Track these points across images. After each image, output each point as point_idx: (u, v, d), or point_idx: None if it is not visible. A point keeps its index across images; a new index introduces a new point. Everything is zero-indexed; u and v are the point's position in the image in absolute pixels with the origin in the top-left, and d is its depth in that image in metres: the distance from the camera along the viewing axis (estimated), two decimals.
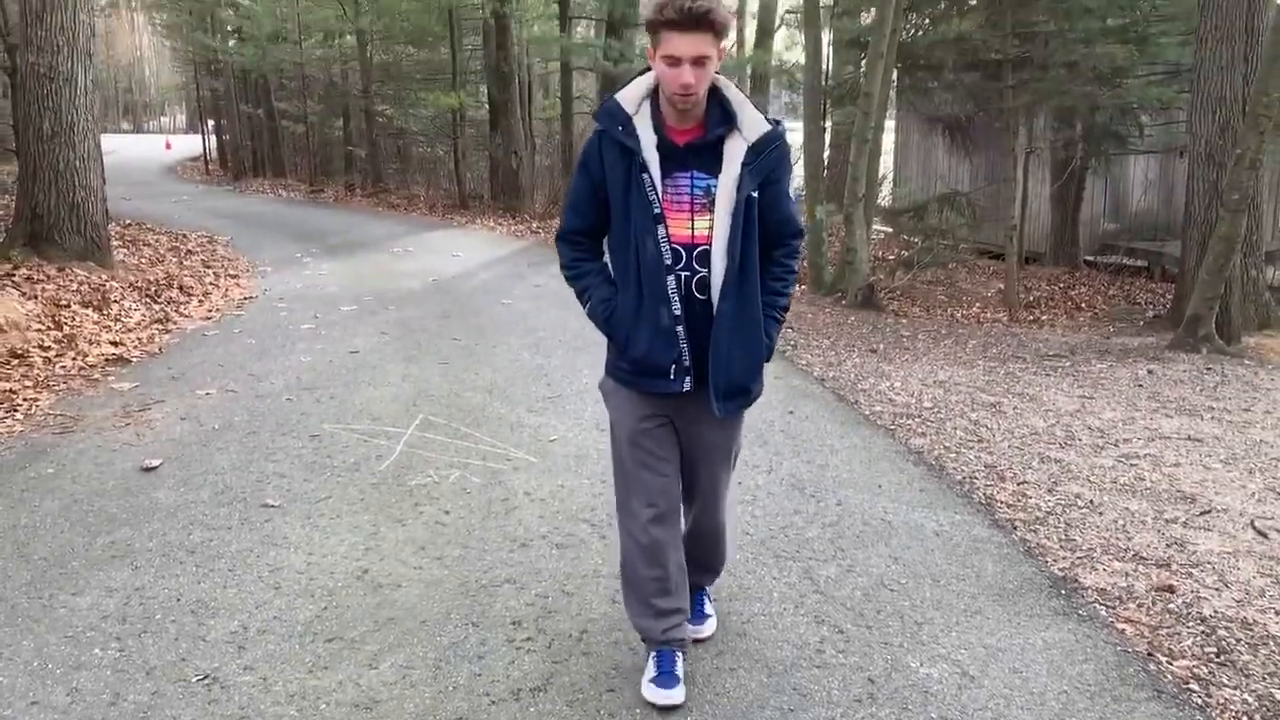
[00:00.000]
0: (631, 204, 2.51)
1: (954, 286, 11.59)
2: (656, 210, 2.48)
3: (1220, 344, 8.09)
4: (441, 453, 4.80)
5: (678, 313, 2.52)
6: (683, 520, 2.85)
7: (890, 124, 16.33)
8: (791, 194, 2.64)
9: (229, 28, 25.31)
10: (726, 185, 2.47)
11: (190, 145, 40.18)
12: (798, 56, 14.41)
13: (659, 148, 2.48)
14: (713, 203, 2.48)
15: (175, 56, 38.58)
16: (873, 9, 11.10)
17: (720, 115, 2.50)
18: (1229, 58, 8.59)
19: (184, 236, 13.24)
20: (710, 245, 2.50)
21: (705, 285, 2.52)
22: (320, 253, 12.35)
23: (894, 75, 12.26)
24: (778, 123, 2.54)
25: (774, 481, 4.48)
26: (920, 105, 13.73)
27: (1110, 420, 5.83)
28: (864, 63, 10.92)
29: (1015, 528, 4.04)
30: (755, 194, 2.49)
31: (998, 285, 11.77)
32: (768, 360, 2.69)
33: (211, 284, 9.69)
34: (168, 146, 43.14)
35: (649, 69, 2.52)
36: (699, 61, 2.35)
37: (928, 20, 12.16)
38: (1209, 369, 7.40)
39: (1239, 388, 6.85)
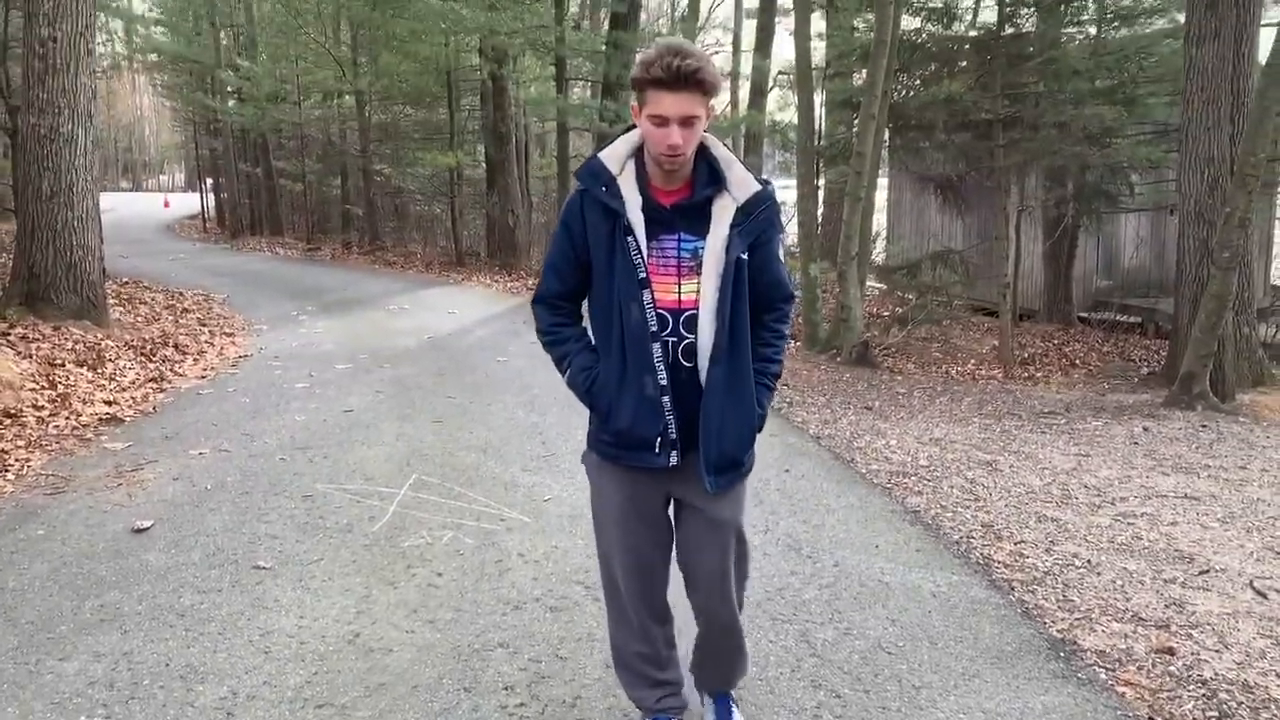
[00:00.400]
0: (615, 267, 2.39)
1: (948, 343, 11.63)
2: (642, 274, 2.36)
3: (1215, 401, 8.10)
4: (435, 513, 4.77)
5: (663, 381, 2.39)
6: (692, 619, 2.71)
7: (883, 182, 16.53)
8: (782, 255, 2.55)
9: (229, 88, 25.64)
10: (715, 247, 2.36)
11: (188, 203, 40.46)
12: (791, 116, 14.62)
13: (644, 209, 2.37)
14: (700, 265, 2.37)
15: (175, 116, 39.03)
16: (864, 71, 11.28)
17: (708, 175, 2.40)
18: (1215, 119, 8.72)
19: (180, 294, 13.27)
20: (698, 309, 2.37)
21: (692, 352, 2.40)
22: (316, 310, 12.39)
23: (886, 135, 12.42)
24: (767, 182, 2.45)
25: (770, 541, 4.45)
26: (912, 164, 13.88)
27: (1107, 478, 5.82)
28: (856, 123, 11.06)
29: (1013, 588, 4.01)
30: (745, 256, 2.38)
31: (992, 342, 11.80)
32: (759, 430, 2.55)
33: (207, 342, 9.70)
34: (166, 204, 43.41)
35: (633, 127, 2.42)
36: (687, 122, 2.25)
37: (918, 81, 12.35)
38: (1204, 426, 7.40)
39: (1235, 445, 6.84)
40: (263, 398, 7.39)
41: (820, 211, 15.08)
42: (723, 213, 2.38)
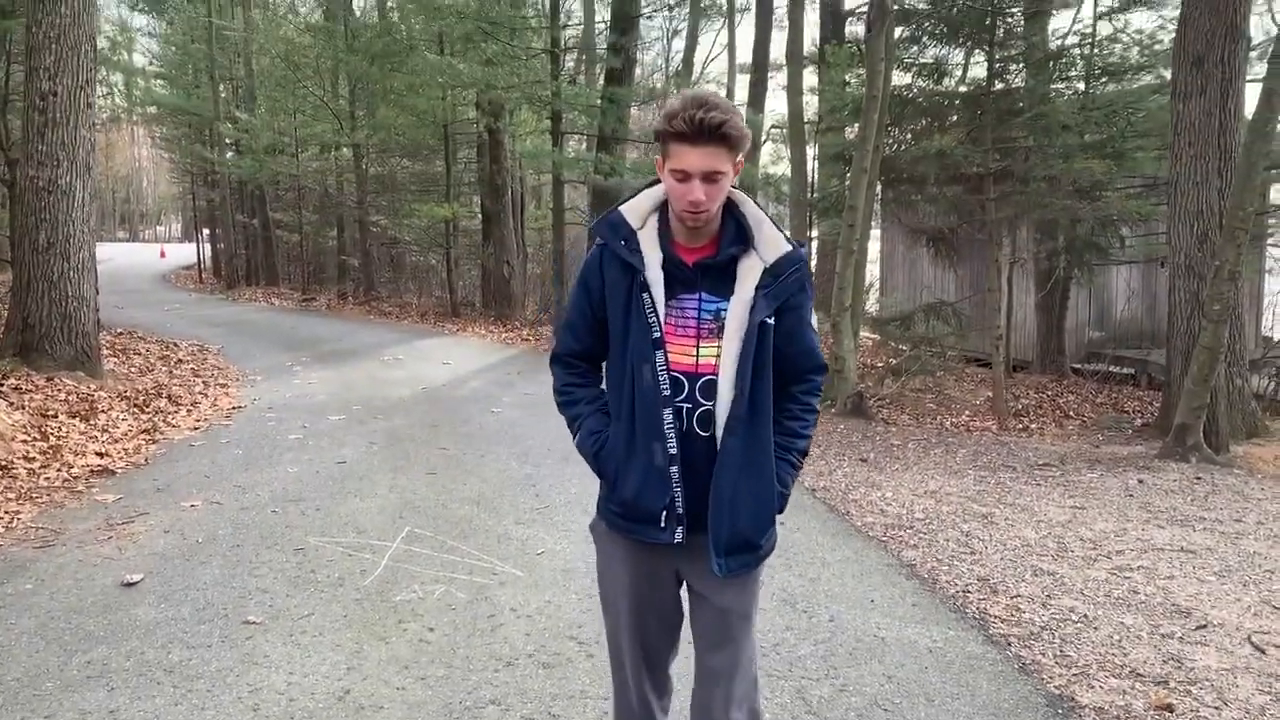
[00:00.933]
0: (631, 326, 2.26)
1: (943, 394, 11.63)
2: (656, 334, 2.22)
3: (1209, 453, 8.10)
4: (427, 566, 4.74)
5: (673, 450, 2.23)
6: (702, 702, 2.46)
7: (876, 234, 16.65)
8: (814, 323, 2.38)
9: (227, 140, 25.87)
10: (738, 309, 2.21)
11: (185, 253, 40.63)
12: (784, 169, 14.79)
13: (665, 266, 2.24)
14: (722, 328, 2.22)
15: (173, 167, 39.31)
16: (856, 125, 11.41)
17: (735, 233, 2.26)
18: (1203, 173, 8.81)
19: (175, 345, 13.27)
20: (717, 375, 2.22)
21: (709, 420, 2.23)
22: (310, 361, 12.38)
23: (878, 188, 12.53)
24: (800, 244, 2.31)
25: (765, 596, 4.41)
26: (904, 217, 14.00)
27: (1102, 531, 5.79)
28: (848, 176, 11.18)
29: (1010, 644, 3.98)
30: (771, 320, 2.23)
31: (986, 393, 11.82)
32: (780, 511, 2.34)
33: (200, 393, 9.68)
34: (162, 255, 43.63)
35: (657, 181, 2.31)
36: (710, 177, 2.13)
37: (910, 136, 12.49)
38: (1199, 478, 7.39)
39: (1230, 497, 6.83)
40: (255, 449, 7.37)
41: (814, 263, 15.18)
42: (749, 273, 2.24)
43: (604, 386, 2.45)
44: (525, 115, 20.72)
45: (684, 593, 2.45)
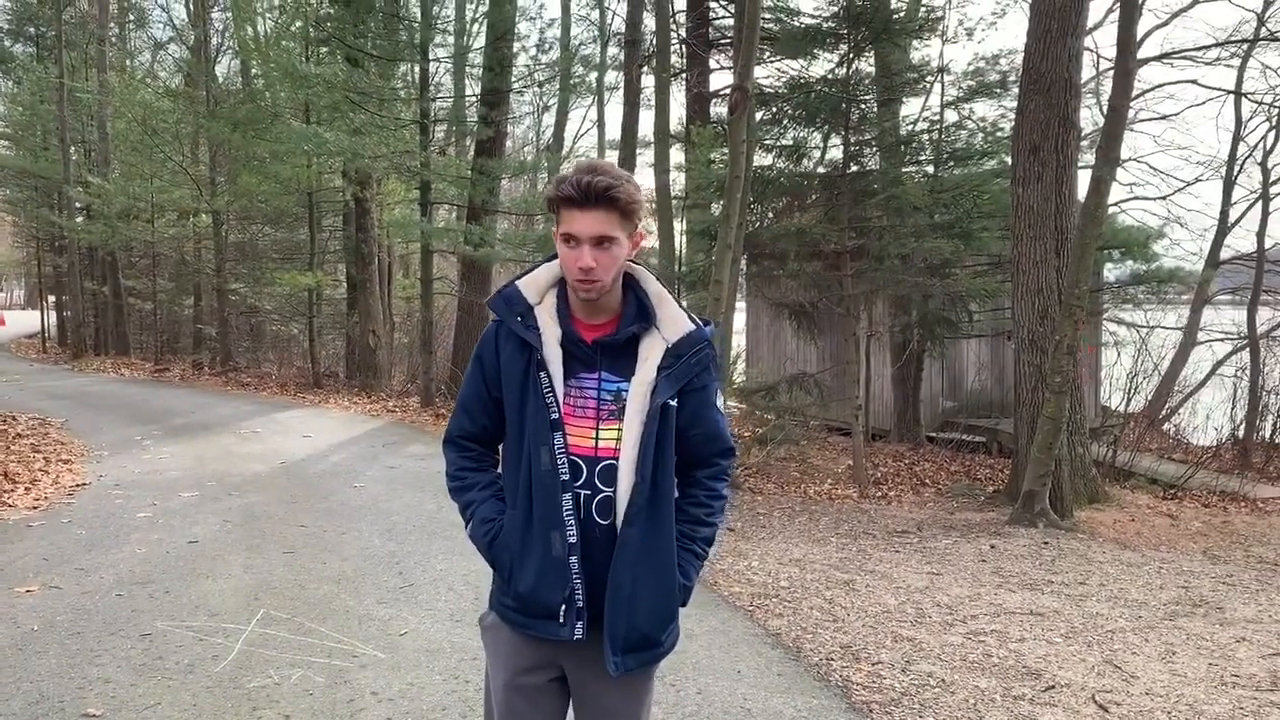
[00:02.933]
0: (528, 407, 2.16)
1: (806, 463, 11.90)
2: (554, 415, 2.12)
3: (1055, 518, 8.49)
4: (283, 650, 4.55)
5: (572, 539, 2.11)
6: None
7: (741, 307, 17.06)
8: (720, 405, 2.29)
9: (78, 205, 24.83)
10: (639, 391, 2.13)
11: (28, 321, 38.53)
12: (653, 243, 15.06)
13: (564, 343, 2.15)
14: (623, 410, 2.13)
15: (17, 231, 37.43)
16: (720, 202, 11.75)
17: (637, 310, 2.19)
18: (1042, 253, 9.38)
19: (12, 419, 12.51)
20: (617, 459, 2.13)
21: (609, 508, 2.13)
22: (162, 435, 11.85)
23: (742, 263, 12.88)
24: (707, 323, 2.25)
25: None
26: (768, 291, 14.42)
27: (958, 596, 5.99)
28: (714, 252, 11.46)
29: (871, 710, 4.06)
30: (673, 402, 2.15)
31: (847, 461, 12.14)
32: (683, 604, 2.24)
33: (41, 470, 9.13)
34: (1, 322, 41.27)
35: (556, 255, 2.21)
36: (600, 243, 2.07)
37: (771, 213, 12.92)
38: (1046, 543, 7.73)
39: (1074, 561, 7.17)
40: (100, 529, 6.97)
41: None
42: (650, 353, 2.16)
43: (500, 471, 2.33)
44: (393, 184, 20.59)
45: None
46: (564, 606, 2.13)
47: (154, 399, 16.04)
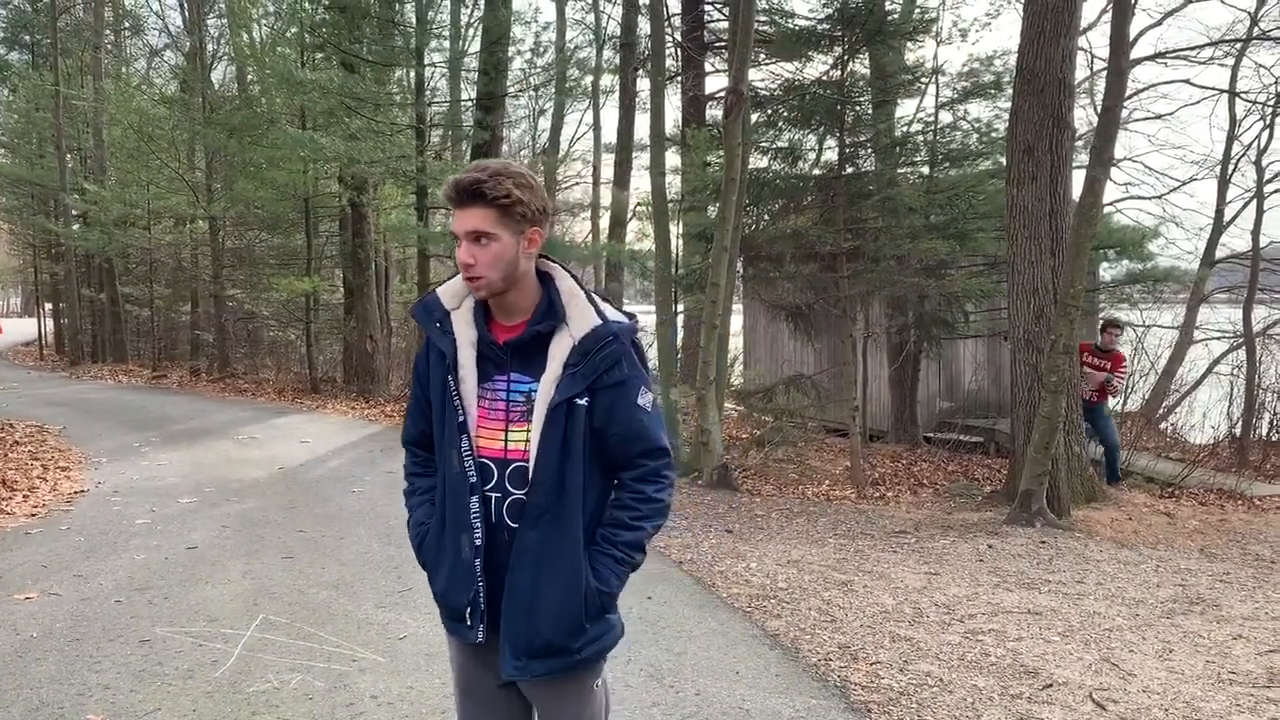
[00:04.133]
0: (444, 410, 2.20)
1: (804, 465, 11.90)
2: (460, 418, 2.15)
3: (1052, 518, 8.51)
4: (283, 655, 4.56)
5: (478, 542, 2.13)
6: None
7: (738, 309, 17.10)
8: (645, 404, 2.21)
9: (74, 212, 24.82)
10: (545, 390, 2.13)
11: (24, 329, 38.50)
12: (649, 246, 15.06)
13: (480, 345, 2.18)
14: (532, 411, 2.14)
15: (13, 239, 37.41)
16: (717, 205, 11.77)
17: (546, 309, 2.18)
18: (1037, 254, 9.40)
19: (10, 426, 12.51)
20: (528, 461, 2.13)
21: (520, 510, 2.14)
22: (160, 441, 11.85)
23: (739, 265, 12.90)
24: (631, 316, 2.23)
25: (632, 672, 4.40)
26: (764, 293, 14.43)
27: (956, 596, 6.01)
28: (710, 254, 11.48)
29: (870, 710, 4.07)
30: (583, 401, 2.13)
31: (845, 463, 12.16)
32: (605, 611, 2.20)
33: (39, 477, 9.14)
34: None
35: None
36: (476, 238, 2.08)
37: (767, 216, 12.94)
38: (1044, 543, 7.75)
39: (1072, 560, 7.18)
40: (99, 536, 6.98)
41: (680, 337, 15.47)
42: (558, 351, 2.15)
43: None
44: (390, 189, 20.60)
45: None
46: (469, 609, 2.17)
47: (151, 405, 16.05)
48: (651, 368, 13.50)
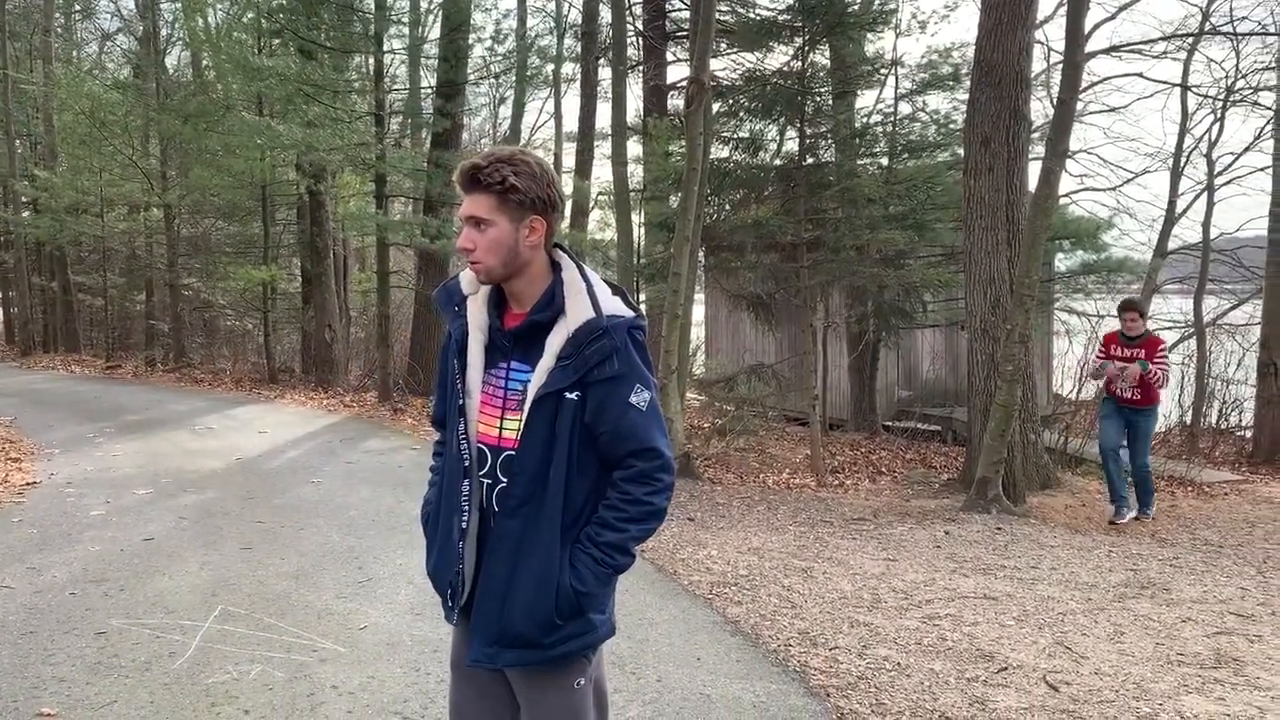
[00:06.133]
0: (451, 393, 2.24)
1: (765, 453, 11.99)
2: (460, 401, 2.20)
3: (1008, 504, 8.64)
4: (242, 646, 4.52)
5: (465, 525, 2.16)
6: None
7: (700, 299, 17.14)
8: (638, 402, 2.15)
9: (24, 199, 24.32)
10: (537, 380, 2.13)
11: None
12: (611, 236, 15.04)
13: (491, 332, 2.22)
14: (526, 400, 2.15)
15: None
16: (678, 195, 11.80)
17: (548, 299, 2.18)
18: (994, 244, 9.52)
19: None
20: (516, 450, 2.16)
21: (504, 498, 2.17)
22: (115, 432, 11.68)
23: (700, 255, 12.95)
24: (635, 310, 2.21)
25: None
26: (726, 283, 14.50)
27: (913, 581, 6.09)
28: (672, 243, 11.51)
29: (829, 694, 4.12)
30: (573, 395, 2.12)
31: (805, 451, 12.26)
32: (577, 611, 2.15)
33: None
34: None
35: None
36: (475, 223, 2.12)
37: (729, 206, 13.00)
38: (999, 529, 7.87)
39: (1027, 546, 7.31)
40: (53, 527, 6.87)
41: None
42: (554, 342, 2.15)
43: None
44: (348, 178, 20.40)
45: None
46: (450, 591, 2.22)
47: (106, 396, 15.80)
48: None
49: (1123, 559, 6.96)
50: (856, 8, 11.88)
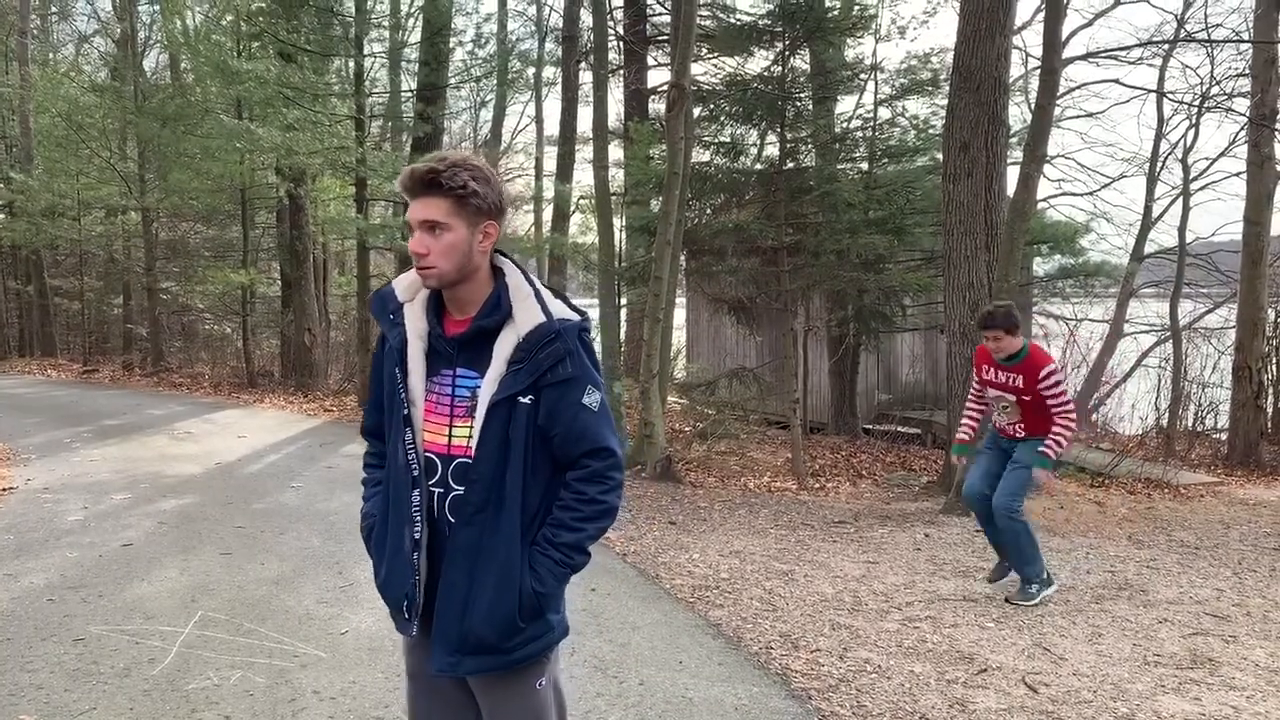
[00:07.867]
0: (392, 403, 2.21)
1: (746, 457, 12.02)
2: (404, 411, 2.17)
3: None
4: (222, 652, 4.50)
5: (417, 536, 2.15)
6: None
7: (681, 302, 17.18)
8: (590, 403, 2.18)
9: None
10: (488, 386, 2.12)
11: None
12: (593, 239, 15.05)
13: (431, 339, 2.19)
14: (476, 407, 2.14)
15: None
16: (660, 198, 11.83)
17: (494, 304, 2.17)
18: (973, 248, 9.57)
19: None
20: (470, 457, 2.14)
21: (459, 507, 2.16)
22: (93, 437, 11.59)
23: (682, 259, 12.98)
24: (581, 314, 2.21)
25: (576, 664, 4.43)
26: (707, 287, 14.54)
27: (894, 584, 6.12)
28: (654, 247, 11.54)
29: (810, 697, 4.14)
30: (526, 400, 2.12)
31: (786, 454, 12.29)
32: (539, 612, 2.18)
33: None
34: None
35: None
36: (429, 227, 2.08)
37: (710, 210, 13.03)
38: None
39: None
40: (29, 533, 6.82)
41: (624, 330, 15.50)
42: (503, 348, 2.14)
43: None
44: (328, 181, 20.32)
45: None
46: (405, 602, 2.19)
47: (83, 401, 15.67)
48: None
49: (1100, 560, 7.02)
50: (836, 13, 11.94)
